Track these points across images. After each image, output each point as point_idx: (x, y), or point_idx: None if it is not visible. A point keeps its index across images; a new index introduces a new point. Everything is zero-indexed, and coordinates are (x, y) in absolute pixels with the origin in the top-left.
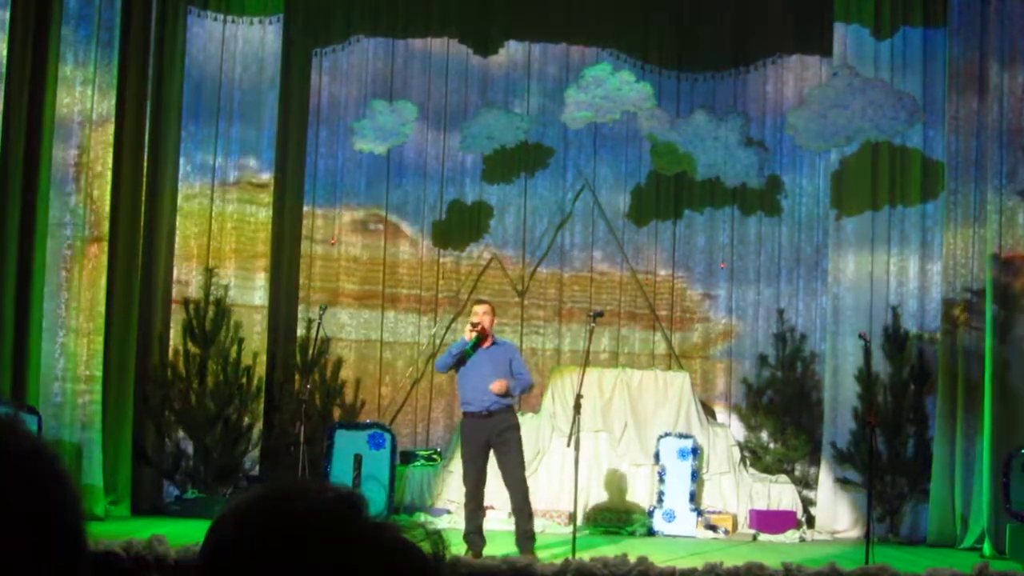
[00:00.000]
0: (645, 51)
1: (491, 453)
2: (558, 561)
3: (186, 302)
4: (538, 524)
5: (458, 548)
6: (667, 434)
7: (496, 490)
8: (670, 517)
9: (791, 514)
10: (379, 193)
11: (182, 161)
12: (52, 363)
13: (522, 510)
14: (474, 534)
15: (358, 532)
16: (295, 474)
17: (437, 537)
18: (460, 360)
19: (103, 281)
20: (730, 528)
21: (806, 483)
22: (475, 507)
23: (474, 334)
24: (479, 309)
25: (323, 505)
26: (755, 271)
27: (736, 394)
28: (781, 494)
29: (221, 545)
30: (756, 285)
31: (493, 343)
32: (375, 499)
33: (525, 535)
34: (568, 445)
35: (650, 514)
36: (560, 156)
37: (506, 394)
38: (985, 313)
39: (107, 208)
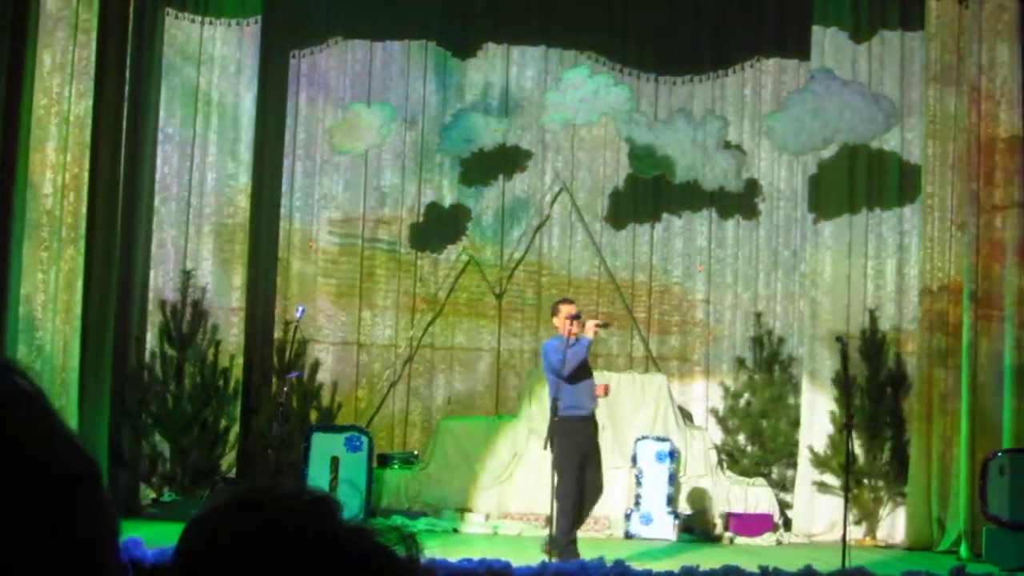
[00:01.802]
0: (623, 54)
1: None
2: (535, 563)
3: (163, 304)
4: (515, 527)
5: (457, 551)
6: (644, 437)
7: (476, 494)
8: (647, 520)
9: (768, 517)
10: (357, 195)
11: (159, 163)
12: (28, 365)
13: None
14: (573, 546)
15: (333, 535)
16: (271, 477)
17: (412, 540)
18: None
19: (80, 283)
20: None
21: (783, 486)
22: (579, 516)
23: (597, 331)
24: (571, 309)
25: (298, 508)
26: (733, 274)
27: (713, 397)
28: (758, 497)
29: (195, 548)
30: (734, 288)
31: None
32: (349, 503)
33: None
34: (545, 448)
35: (627, 517)
36: (538, 159)
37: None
38: (957, 315)
39: (84, 210)
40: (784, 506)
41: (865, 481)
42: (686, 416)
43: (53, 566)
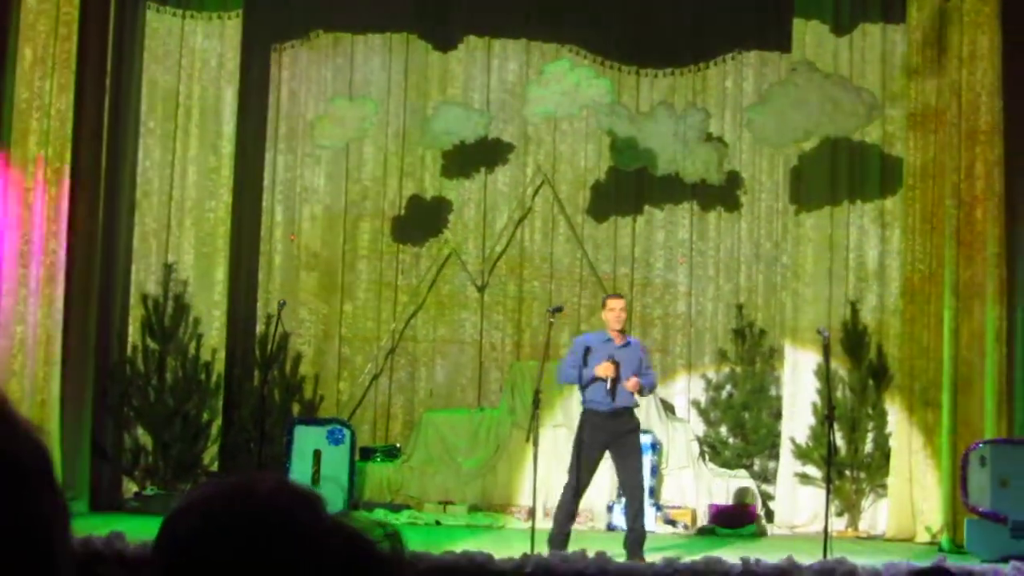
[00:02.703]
0: (605, 47)
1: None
2: (516, 556)
3: (145, 298)
4: (497, 519)
5: (438, 546)
6: None
7: (458, 486)
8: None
9: (750, 509)
10: (338, 188)
11: (141, 157)
12: (10, 359)
13: (639, 513)
14: (562, 537)
15: (315, 529)
16: (252, 471)
17: (394, 535)
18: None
19: (61, 277)
20: (689, 523)
21: (765, 478)
22: (571, 512)
23: (608, 376)
24: (616, 304)
25: (279, 503)
26: (714, 266)
27: (695, 389)
28: (740, 489)
29: (175, 540)
30: (715, 280)
31: (626, 342)
32: (332, 498)
33: (639, 539)
34: (527, 440)
35: (609, 509)
36: (520, 152)
37: (638, 392)
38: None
39: (66, 204)
40: (766, 497)
41: (847, 473)
42: (668, 408)
43: (1, 550)
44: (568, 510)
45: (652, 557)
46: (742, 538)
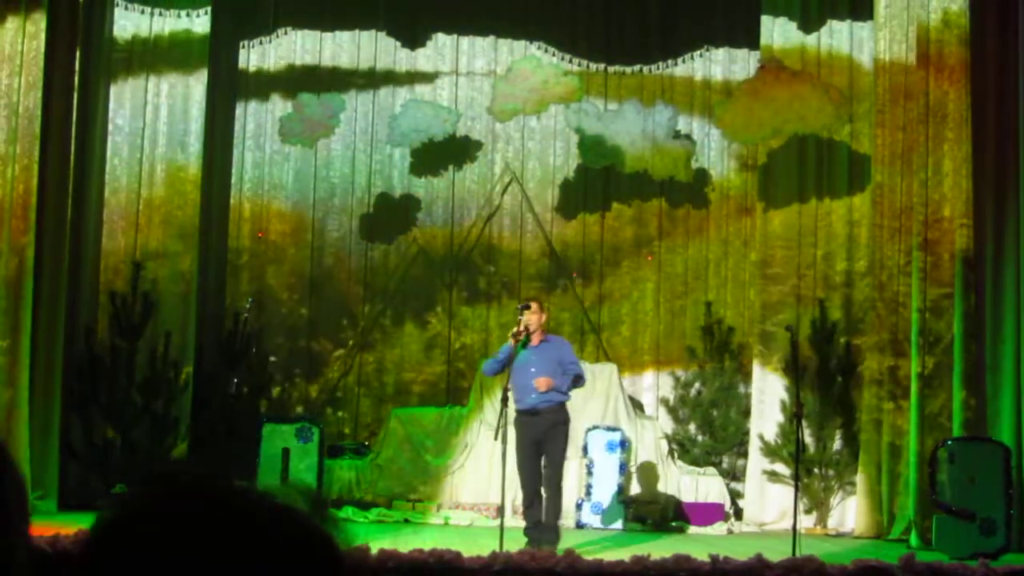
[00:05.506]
0: (573, 44)
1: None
2: (485, 554)
3: (113, 295)
4: (466, 517)
5: (417, 541)
6: (595, 427)
7: (427, 484)
8: (598, 510)
9: (719, 506)
10: (307, 186)
11: (109, 154)
12: None
13: (551, 505)
14: (532, 529)
15: (261, 520)
16: (214, 468)
17: (321, 505)
18: (509, 362)
19: (30, 274)
20: (658, 520)
21: (734, 475)
22: (530, 504)
23: (515, 340)
24: (524, 314)
25: (222, 496)
26: (683, 264)
27: (664, 386)
28: (709, 486)
29: (104, 540)
30: (684, 278)
31: (543, 340)
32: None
33: (549, 528)
34: (495, 438)
35: (578, 507)
36: (488, 149)
37: (554, 390)
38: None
39: (34, 201)
40: (735, 495)
41: (815, 470)
42: (637, 406)
43: None
44: (527, 505)
45: (621, 555)
46: (711, 536)
